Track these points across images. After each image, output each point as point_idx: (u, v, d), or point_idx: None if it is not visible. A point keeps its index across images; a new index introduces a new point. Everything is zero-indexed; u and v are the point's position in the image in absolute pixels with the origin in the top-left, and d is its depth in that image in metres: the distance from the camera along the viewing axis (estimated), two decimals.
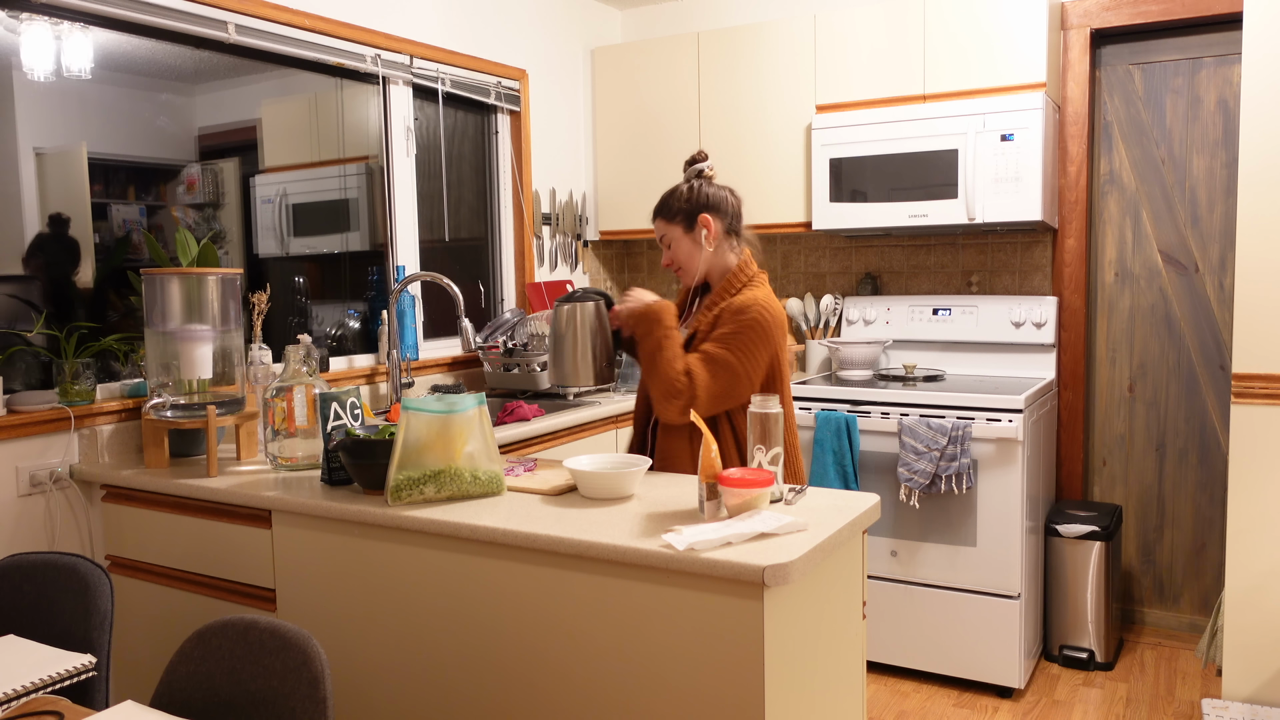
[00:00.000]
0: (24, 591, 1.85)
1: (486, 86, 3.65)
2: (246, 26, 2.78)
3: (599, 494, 1.89)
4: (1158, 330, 3.61)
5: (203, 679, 1.53)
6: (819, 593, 1.68)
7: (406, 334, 3.26)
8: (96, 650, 1.75)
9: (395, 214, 3.36)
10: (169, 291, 2.28)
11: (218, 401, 2.33)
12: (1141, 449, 3.67)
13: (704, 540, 1.55)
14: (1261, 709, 2.67)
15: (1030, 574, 3.23)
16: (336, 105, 3.19)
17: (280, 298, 3.03)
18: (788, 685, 1.58)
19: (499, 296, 3.90)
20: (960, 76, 3.36)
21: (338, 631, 1.98)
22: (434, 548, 1.83)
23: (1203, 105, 3.48)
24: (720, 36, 3.81)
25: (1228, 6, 3.32)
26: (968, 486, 3.08)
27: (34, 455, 2.30)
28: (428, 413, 1.88)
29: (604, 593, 1.64)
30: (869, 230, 3.58)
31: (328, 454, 2.07)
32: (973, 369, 3.69)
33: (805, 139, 3.67)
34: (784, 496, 1.85)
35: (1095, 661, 3.35)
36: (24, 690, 1.47)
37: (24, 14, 2.36)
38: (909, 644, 3.29)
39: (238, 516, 2.13)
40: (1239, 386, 2.69)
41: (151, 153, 2.66)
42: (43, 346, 2.39)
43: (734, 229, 2.23)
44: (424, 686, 1.87)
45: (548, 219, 4.00)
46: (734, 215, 2.23)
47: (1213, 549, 3.58)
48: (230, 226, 2.88)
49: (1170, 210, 3.56)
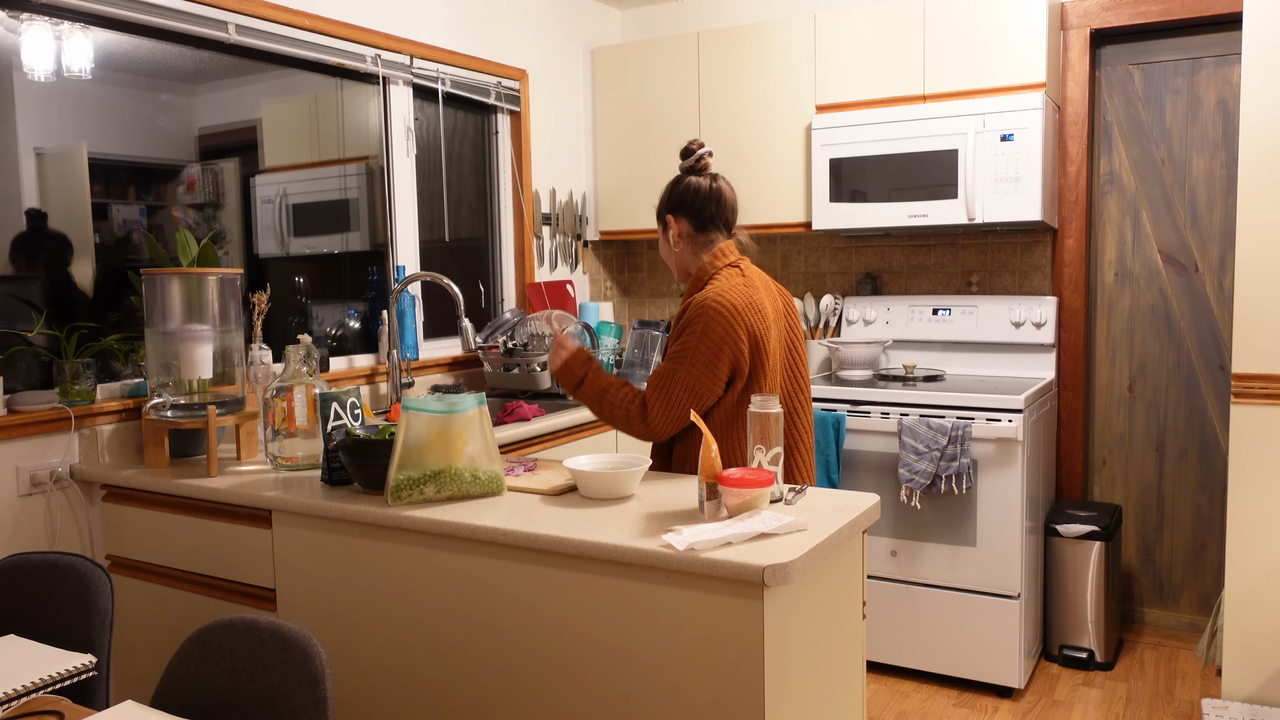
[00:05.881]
0: (24, 591, 1.85)
1: (486, 86, 3.65)
2: (246, 26, 2.78)
3: (599, 494, 1.89)
4: (1158, 330, 3.61)
5: (203, 679, 1.53)
6: (819, 593, 1.68)
7: (406, 334, 3.26)
8: (96, 650, 1.75)
9: (395, 214, 3.36)
10: (169, 291, 2.28)
11: (218, 401, 2.33)
12: (1141, 449, 3.67)
13: (704, 540, 1.55)
14: (1261, 709, 2.67)
15: (1030, 574, 3.23)
16: (336, 105, 3.19)
17: (280, 298, 3.03)
18: (788, 685, 1.58)
19: (499, 296, 3.90)
20: (960, 76, 3.36)
21: (338, 631, 1.98)
22: (434, 548, 1.83)
23: (1203, 105, 3.48)
24: (720, 36, 3.81)
25: (1228, 6, 3.32)
26: (968, 486, 3.08)
27: (34, 455, 2.30)
28: (428, 413, 1.88)
29: (604, 593, 1.64)
30: (869, 230, 3.58)
31: (328, 454, 2.07)
32: (973, 369, 3.69)
33: (805, 139, 3.67)
34: (784, 496, 1.85)
35: (1095, 661, 3.35)
36: (24, 690, 1.47)
37: (24, 14, 2.36)
38: (909, 644, 3.29)
39: (238, 516, 2.13)
40: (1239, 386, 2.69)
41: (151, 153, 2.66)
42: (43, 346, 2.39)
43: (708, 225, 2.13)
44: (424, 686, 1.87)
45: (548, 219, 4.00)
46: (708, 212, 2.12)
47: (1213, 549, 3.58)
48: (230, 226, 2.88)
49: (1170, 210, 3.56)
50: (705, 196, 2.13)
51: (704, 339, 1.98)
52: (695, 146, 2.15)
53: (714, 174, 2.16)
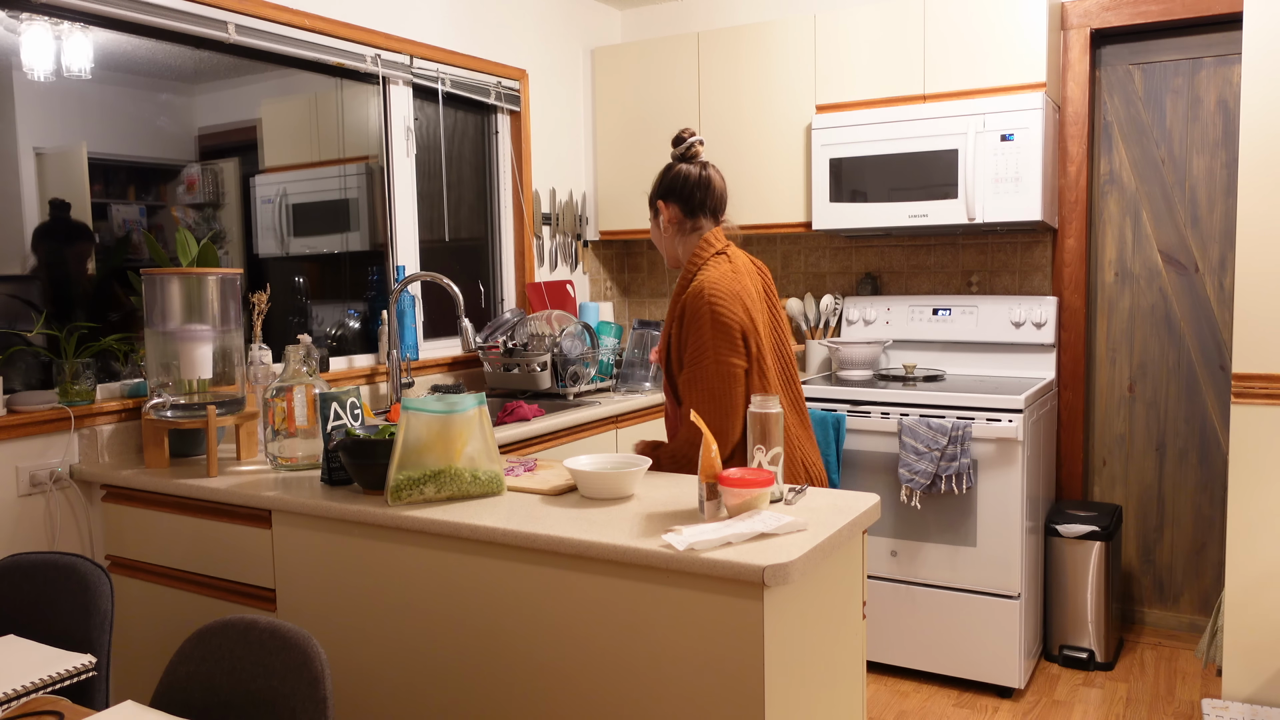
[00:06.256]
0: (24, 591, 1.85)
1: (486, 86, 3.65)
2: (246, 26, 2.78)
3: (599, 494, 1.89)
4: (1158, 330, 3.61)
5: (203, 679, 1.53)
6: (819, 593, 1.68)
7: (406, 334, 3.26)
8: (96, 650, 1.75)
9: (395, 214, 3.36)
10: (169, 291, 2.28)
11: (218, 401, 2.33)
12: (1141, 449, 3.67)
13: (704, 540, 1.55)
14: (1261, 709, 2.67)
15: (1030, 574, 3.23)
16: (336, 105, 3.19)
17: (280, 298, 3.03)
18: (788, 685, 1.58)
19: (499, 296, 3.90)
20: (960, 76, 3.36)
21: (338, 631, 1.98)
22: (434, 548, 1.83)
23: (1203, 105, 3.48)
24: (720, 36, 3.81)
25: (1228, 6, 3.32)
26: (968, 486, 3.08)
27: (34, 455, 2.30)
28: (428, 413, 1.88)
29: (604, 593, 1.64)
30: (869, 230, 3.58)
31: (328, 454, 2.07)
32: (973, 369, 3.69)
33: (805, 139, 3.66)
34: (784, 496, 1.85)
35: (1095, 661, 3.35)
36: (24, 690, 1.47)
37: (24, 14, 2.36)
38: (909, 644, 3.29)
39: (238, 516, 2.13)
40: (1239, 386, 2.69)
41: (151, 153, 2.66)
42: (43, 346, 2.39)
43: (697, 211, 2.16)
44: (424, 686, 1.87)
45: (548, 219, 4.00)
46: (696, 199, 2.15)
47: (1213, 549, 3.58)
48: (230, 226, 2.88)
49: (1170, 210, 3.56)
50: (694, 184, 2.16)
51: (714, 326, 2.01)
52: (686, 135, 2.18)
53: (704, 162, 2.20)
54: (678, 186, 2.17)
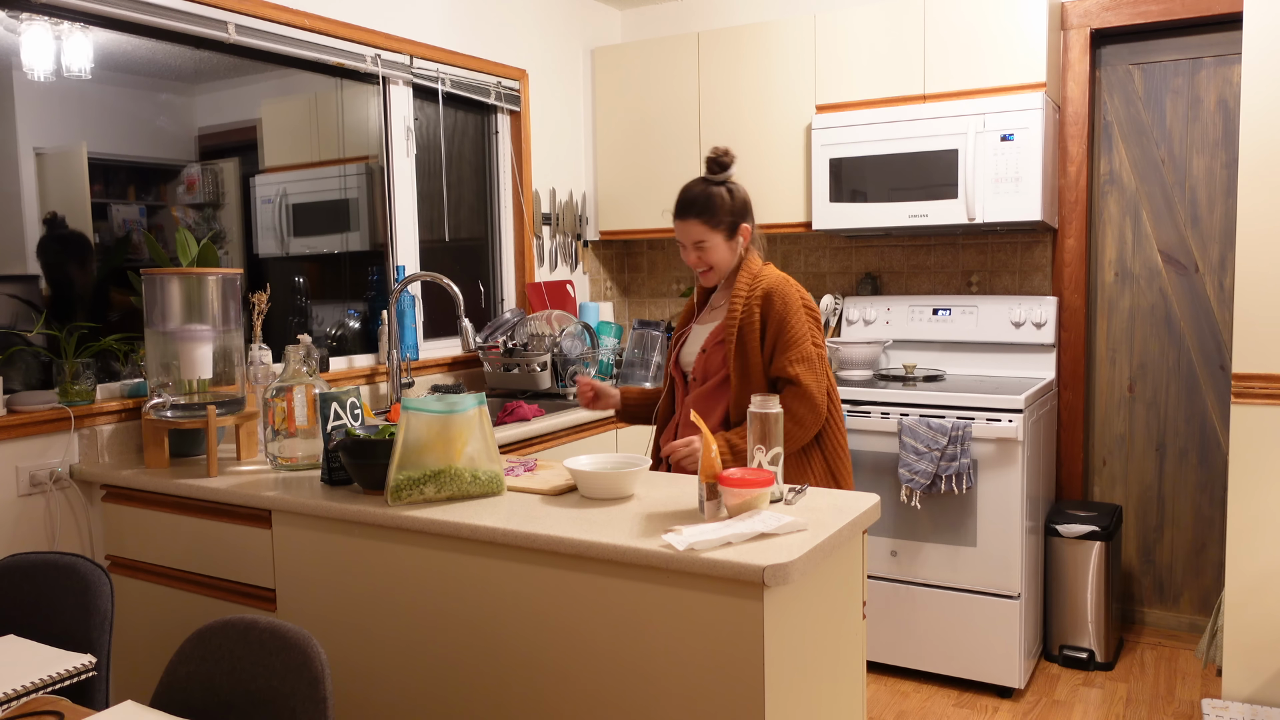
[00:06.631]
0: (24, 591, 1.85)
1: (486, 86, 3.65)
2: (246, 26, 2.78)
3: (599, 494, 1.89)
4: (1158, 330, 3.61)
5: (203, 679, 1.53)
6: (819, 593, 1.68)
7: (406, 334, 3.26)
8: (96, 650, 1.75)
9: (395, 214, 3.36)
10: (169, 291, 2.28)
11: (218, 401, 2.33)
12: (1141, 449, 3.67)
13: (704, 540, 1.55)
14: (1261, 709, 2.67)
15: (1030, 574, 3.23)
16: (336, 105, 3.19)
17: (280, 298, 3.03)
18: (788, 685, 1.58)
19: (499, 296, 3.90)
20: (960, 76, 3.36)
21: (338, 631, 1.98)
22: (434, 548, 1.83)
23: (1203, 105, 3.48)
24: (720, 36, 3.81)
25: (1228, 6, 3.31)
26: (968, 486, 3.08)
27: (34, 455, 2.30)
28: (428, 413, 1.88)
29: (604, 593, 1.64)
30: (869, 230, 3.58)
31: (328, 454, 2.07)
32: (973, 369, 3.69)
33: (805, 139, 3.67)
34: (784, 496, 1.85)
35: (1095, 661, 3.35)
36: (24, 690, 1.47)
37: (24, 14, 2.36)
38: (909, 644, 3.29)
39: (238, 516, 2.13)
40: (1239, 386, 2.69)
41: (151, 153, 2.66)
42: (43, 346, 2.39)
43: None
44: (424, 686, 1.87)
45: (548, 219, 4.00)
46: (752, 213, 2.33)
47: (1213, 549, 3.58)
48: (230, 226, 2.88)
49: (1170, 210, 3.56)
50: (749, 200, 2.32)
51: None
52: (730, 158, 2.25)
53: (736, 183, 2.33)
54: (750, 207, 2.29)
